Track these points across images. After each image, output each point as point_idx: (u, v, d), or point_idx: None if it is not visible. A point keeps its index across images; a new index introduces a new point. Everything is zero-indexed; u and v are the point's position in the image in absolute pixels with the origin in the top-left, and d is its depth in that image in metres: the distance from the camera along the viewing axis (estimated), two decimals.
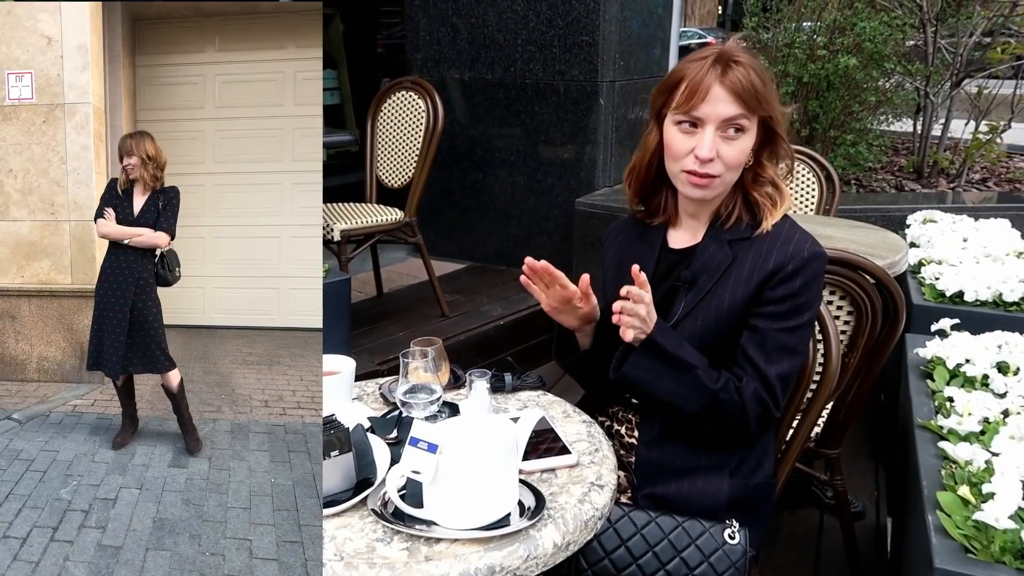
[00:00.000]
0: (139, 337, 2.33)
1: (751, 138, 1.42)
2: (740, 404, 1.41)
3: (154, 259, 2.36)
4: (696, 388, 1.40)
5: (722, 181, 1.44)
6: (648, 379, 1.41)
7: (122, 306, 2.30)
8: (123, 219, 2.31)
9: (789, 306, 1.42)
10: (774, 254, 1.42)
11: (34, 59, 3.05)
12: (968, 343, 2.00)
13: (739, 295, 1.43)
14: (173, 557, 1.77)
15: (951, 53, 4.55)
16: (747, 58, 1.42)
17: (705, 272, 1.47)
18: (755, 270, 1.42)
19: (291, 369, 3.29)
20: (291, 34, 3.88)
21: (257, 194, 4.00)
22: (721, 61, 1.40)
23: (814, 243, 1.45)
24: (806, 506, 2.63)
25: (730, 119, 1.39)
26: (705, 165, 1.41)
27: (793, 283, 1.41)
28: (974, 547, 1.29)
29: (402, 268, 4.41)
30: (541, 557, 1.09)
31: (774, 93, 1.43)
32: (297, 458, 2.33)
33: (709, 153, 1.40)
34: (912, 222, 3.35)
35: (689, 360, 1.40)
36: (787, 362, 1.43)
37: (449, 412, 1.46)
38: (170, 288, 2.42)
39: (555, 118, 4.16)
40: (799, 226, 1.47)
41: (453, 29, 4.33)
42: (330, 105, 6.47)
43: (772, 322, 1.42)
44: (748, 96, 1.38)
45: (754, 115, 1.41)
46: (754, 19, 4.85)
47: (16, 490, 2.08)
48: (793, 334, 1.43)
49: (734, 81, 1.38)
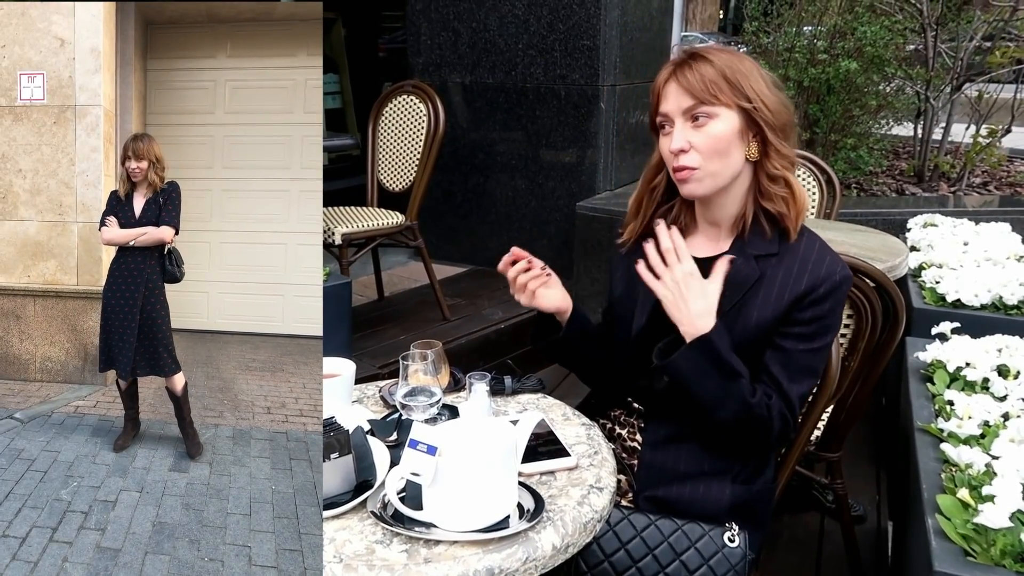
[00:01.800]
0: (146, 339, 2.33)
1: (724, 124, 1.40)
2: (768, 420, 1.41)
3: (161, 259, 2.36)
4: (735, 397, 1.39)
5: (705, 172, 1.42)
6: (692, 376, 1.39)
7: (132, 308, 2.30)
8: (124, 222, 2.31)
9: (816, 328, 1.42)
10: (806, 276, 1.41)
11: (46, 60, 3.06)
12: (968, 347, 2.00)
13: (768, 314, 1.42)
14: (172, 561, 1.77)
15: (952, 57, 4.55)
16: (714, 51, 1.43)
17: (730, 286, 1.43)
18: (786, 290, 1.41)
19: (294, 376, 3.29)
20: (302, 42, 3.90)
21: (264, 200, 4.01)
22: (683, 60, 1.42)
23: (844, 266, 1.44)
24: (807, 510, 2.63)
25: (687, 110, 1.40)
26: (680, 157, 1.41)
27: (823, 306, 1.41)
28: (974, 550, 1.29)
29: (403, 272, 4.41)
30: (540, 559, 1.09)
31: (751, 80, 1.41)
32: (298, 466, 2.33)
33: (677, 143, 1.40)
34: (913, 226, 3.34)
35: (737, 368, 1.39)
36: (807, 382, 1.45)
37: (449, 415, 1.46)
38: (175, 292, 2.42)
39: (556, 122, 4.17)
40: (828, 246, 1.46)
41: (454, 33, 4.34)
42: (332, 109, 6.48)
43: (798, 343, 1.42)
44: (699, 84, 1.39)
45: (714, 102, 1.39)
46: (755, 23, 4.86)
47: (16, 490, 2.08)
48: (816, 355, 1.44)
49: (687, 75, 1.40)
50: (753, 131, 1.43)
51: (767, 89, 1.43)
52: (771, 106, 1.42)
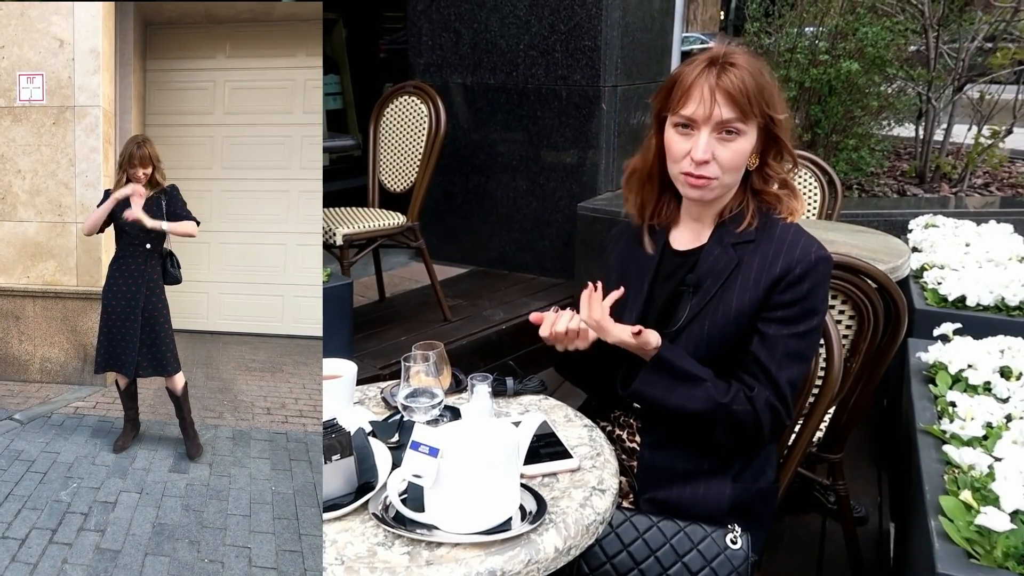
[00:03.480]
0: (149, 340, 2.32)
1: (748, 141, 1.42)
2: (754, 413, 1.40)
3: (162, 260, 2.36)
4: (708, 400, 1.39)
5: (720, 183, 1.43)
6: (660, 395, 1.41)
7: (134, 308, 2.30)
8: (125, 222, 2.31)
9: (798, 310, 1.41)
10: (781, 258, 1.42)
11: (46, 61, 3.06)
12: (970, 348, 1.99)
13: (747, 299, 1.42)
14: (172, 563, 1.77)
15: (953, 58, 4.54)
16: (745, 60, 1.42)
17: (710, 276, 1.46)
18: (762, 274, 1.41)
19: (294, 377, 3.28)
20: (301, 42, 3.89)
21: (264, 201, 4.00)
22: (717, 63, 1.40)
23: (820, 247, 1.44)
24: (808, 511, 2.62)
25: (724, 122, 1.39)
26: (701, 167, 1.41)
27: (801, 287, 1.41)
28: (977, 552, 1.29)
29: (404, 272, 4.41)
30: (542, 561, 1.08)
31: (775, 96, 1.43)
32: (298, 467, 2.32)
33: (703, 155, 1.40)
34: (914, 227, 3.34)
35: (697, 373, 1.40)
36: (796, 368, 1.44)
37: (451, 416, 1.46)
38: (174, 292, 2.42)
39: (557, 123, 4.16)
40: (804, 231, 1.47)
41: (456, 34, 4.34)
42: (333, 110, 6.48)
43: (782, 327, 1.42)
44: (741, 99, 1.38)
45: (749, 119, 1.40)
46: (756, 24, 4.85)
47: (16, 491, 2.08)
48: (802, 339, 1.43)
49: (728, 84, 1.38)
50: (762, 143, 1.44)
51: (780, 102, 1.44)
52: (784, 122, 1.44)
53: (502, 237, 4.38)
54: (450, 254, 4.45)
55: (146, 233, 2.31)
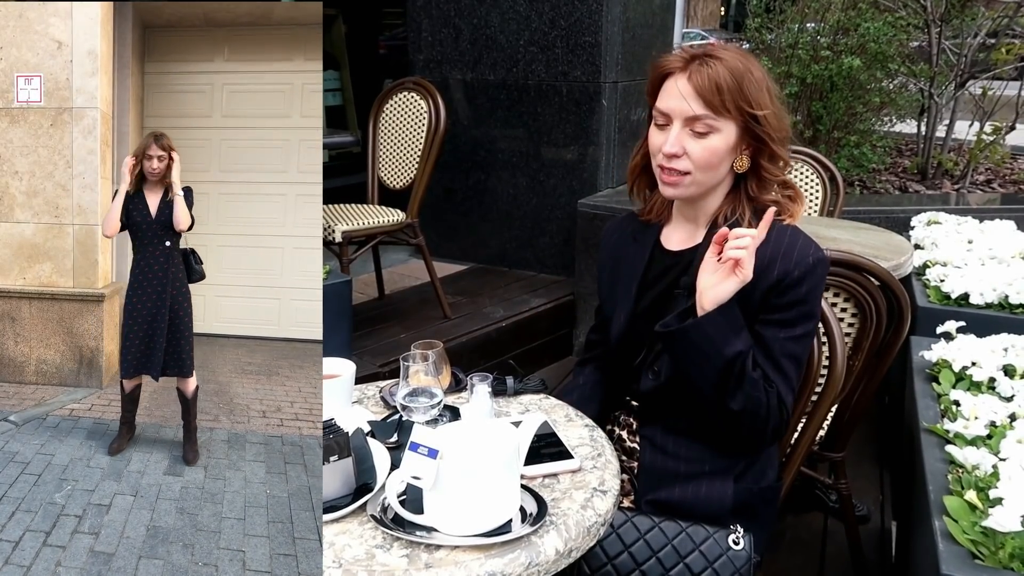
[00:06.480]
0: (173, 340, 2.29)
1: (724, 139, 1.39)
2: (767, 406, 1.38)
3: (186, 258, 2.34)
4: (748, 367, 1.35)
5: (694, 180, 1.41)
6: (719, 339, 1.34)
7: (161, 309, 2.27)
8: (141, 220, 2.27)
9: (795, 314, 1.40)
10: (778, 261, 1.39)
11: (44, 62, 3.04)
12: (974, 346, 1.98)
13: (744, 303, 1.40)
14: (166, 566, 1.75)
15: (955, 54, 4.53)
16: (730, 56, 1.39)
17: None
18: (759, 278, 1.38)
19: (290, 380, 3.27)
20: (300, 46, 3.89)
21: (261, 204, 3.99)
22: (697, 58, 1.38)
23: (817, 248, 1.42)
24: (810, 510, 2.61)
25: (694, 117, 1.37)
26: (671, 161, 1.39)
27: (799, 290, 1.38)
28: (982, 553, 1.27)
29: (404, 269, 4.40)
30: (543, 564, 1.07)
31: (760, 94, 1.39)
32: (293, 470, 2.31)
33: (671, 148, 1.38)
34: (916, 224, 3.32)
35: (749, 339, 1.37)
36: (793, 371, 1.42)
37: (450, 416, 1.44)
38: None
39: (557, 119, 4.15)
40: (802, 232, 1.44)
41: (455, 30, 4.32)
42: (332, 106, 6.46)
43: (779, 330, 1.40)
44: (711, 95, 1.35)
45: (723, 115, 1.37)
46: (757, 20, 4.83)
47: (10, 493, 2.06)
48: (799, 342, 1.42)
49: (701, 79, 1.36)
50: (747, 143, 1.41)
51: (771, 101, 1.40)
52: (773, 120, 1.40)
53: (502, 234, 4.36)
54: (450, 251, 4.44)
55: (163, 231, 2.28)
